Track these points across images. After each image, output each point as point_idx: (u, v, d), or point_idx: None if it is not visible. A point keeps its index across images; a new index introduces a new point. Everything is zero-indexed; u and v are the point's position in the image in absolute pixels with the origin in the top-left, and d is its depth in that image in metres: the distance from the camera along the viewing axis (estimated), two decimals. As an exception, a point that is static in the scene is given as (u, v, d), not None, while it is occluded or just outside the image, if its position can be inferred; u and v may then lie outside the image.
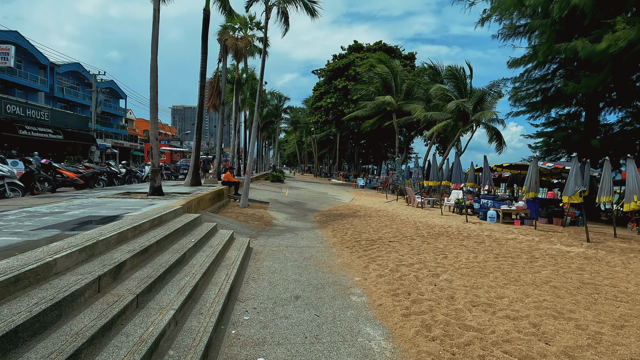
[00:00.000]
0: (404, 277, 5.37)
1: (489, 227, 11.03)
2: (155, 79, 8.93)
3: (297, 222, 10.75)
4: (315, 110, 36.70)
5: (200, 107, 13.60)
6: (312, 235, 8.85)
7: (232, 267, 5.05)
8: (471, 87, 22.05)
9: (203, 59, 13.51)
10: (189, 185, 13.27)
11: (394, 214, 13.23)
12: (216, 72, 18.60)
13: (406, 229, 9.85)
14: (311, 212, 13.32)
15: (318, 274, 5.55)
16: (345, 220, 11.25)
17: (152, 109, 8.94)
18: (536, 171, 10.77)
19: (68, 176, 12.03)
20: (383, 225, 10.39)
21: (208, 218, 8.51)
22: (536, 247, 8.03)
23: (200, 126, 13.71)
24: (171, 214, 6.22)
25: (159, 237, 4.71)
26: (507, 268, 6.09)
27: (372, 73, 27.26)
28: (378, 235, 8.86)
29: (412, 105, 25.13)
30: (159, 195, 8.98)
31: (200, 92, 13.53)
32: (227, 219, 9.42)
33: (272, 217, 11.12)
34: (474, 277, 5.48)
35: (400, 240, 8.30)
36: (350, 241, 8.02)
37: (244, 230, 8.60)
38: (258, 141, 44.42)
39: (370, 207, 15.80)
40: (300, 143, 67.59)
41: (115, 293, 3.10)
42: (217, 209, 10.88)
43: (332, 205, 16.35)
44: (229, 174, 14.13)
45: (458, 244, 8.12)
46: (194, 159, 13.57)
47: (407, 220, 11.79)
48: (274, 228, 9.55)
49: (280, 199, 16.40)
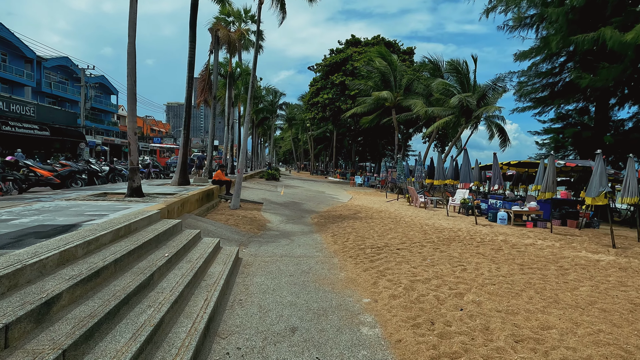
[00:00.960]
0: (422, 298, 4.46)
1: (502, 230, 10.17)
2: (133, 65, 7.92)
3: (293, 226, 9.81)
4: (312, 106, 35.69)
5: (188, 100, 12.58)
6: (310, 241, 7.92)
7: (214, 289, 4.10)
8: (475, 81, 21.20)
9: (191, 48, 12.48)
10: (177, 185, 12.28)
11: (397, 215, 12.34)
12: (207, 64, 17.56)
13: (413, 233, 8.95)
14: (308, 214, 12.40)
15: (319, 293, 4.62)
16: (345, 223, 10.33)
17: (130, 99, 7.93)
18: (553, 170, 9.92)
19: (42, 175, 10.99)
20: (387, 229, 9.49)
21: (193, 223, 7.55)
22: (560, 255, 7.17)
23: (189, 121, 12.69)
24: (144, 221, 5.26)
25: (120, 253, 3.75)
26: (538, 283, 5.21)
27: (371, 67, 26.32)
28: (384, 241, 7.96)
29: (412, 101, 24.26)
30: (138, 196, 7.99)
31: (189, 84, 12.51)
32: (215, 223, 8.46)
33: (266, 220, 10.17)
34: (504, 297, 4.58)
35: (410, 247, 7.39)
36: (353, 249, 7.10)
37: (233, 237, 7.65)
38: (253, 138, 43.31)
39: (370, 207, 14.91)
40: (296, 140, 66.53)
41: (32, 349, 2.15)
42: (205, 211, 9.91)
43: (330, 205, 15.43)
44: (220, 172, 13.15)
45: (474, 251, 7.24)
46: (181, 157, 12.56)
47: (412, 222, 10.91)
48: (267, 233, 8.60)
49: (275, 198, 15.45)
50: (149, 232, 4.89)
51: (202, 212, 9.46)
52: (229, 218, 9.41)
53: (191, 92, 12.60)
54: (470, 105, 20.08)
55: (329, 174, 51.10)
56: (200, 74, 17.61)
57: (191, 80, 12.56)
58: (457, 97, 19.52)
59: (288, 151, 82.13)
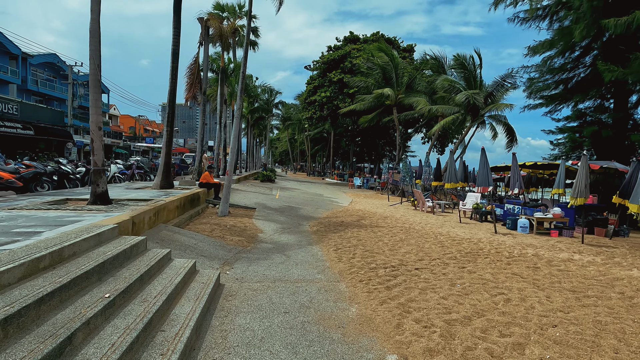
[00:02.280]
0: (470, 354, 3.18)
1: (526, 240, 8.94)
2: (96, 45, 6.59)
3: (288, 236, 8.51)
4: (309, 105, 34.40)
5: (171, 94, 11.24)
6: (309, 257, 6.62)
7: (173, 348, 2.79)
8: (481, 78, 20.03)
9: (175, 35, 11.16)
10: (158, 188, 10.93)
11: (405, 223, 11.08)
12: (196, 57, 16.25)
13: (429, 246, 7.69)
14: (306, 220, 11.10)
15: (325, 345, 3.33)
16: (349, 232, 9.05)
17: (93, 86, 6.60)
18: (586, 173, 8.72)
19: (2, 177, 9.61)
20: (398, 240, 8.22)
21: (167, 237, 6.22)
22: (611, 275, 5.94)
23: (172, 117, 11.36)
24: (90, 241, 3.94)
25: (25, 301, 2.44)
26: (611, 323, 3.95)
27: (371, 63, 25.10)
28: (397, 257, 6.68)
29: (414, 99, 23.07)
30: (102, 203, 6.66)
31: (172, 76, 11.18)
32: (197, 235, 7.13)
33: (258, 229, 8.85)
34: (581, 350, 3.31)
35: (430, 266, 6.12)
36: (363, 269, 5.82)
37: (217, 253, 6.33)
38: (248, 138, 41.92)
39: (374, 212, 13.64)
40: (293, 141, 65.23)
41: None
42: (188, 219, 8.58)
43: (330, 210, 14.14)
44: (207, 174, 11.81)
45: (508, 271, 5.98)
46: (164, 157, 11.23)
47: (423, 231, 9.65)
48: (259, 246, 7.29)
49: (270, 202, 14.13)
50: (91, 258, 3.57)
51: (183, 221, 8.13)
52: (215, 228, 8.08)
53: (175, 85, 11.26)
54: (478, 103, 18.91)
55: (326, 175, 49.85)
56: (188, 68, 16.28)
57: (175, 72, 11.23)
58: (464, 94, 18.35)
59: (284, 152, 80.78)
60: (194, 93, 16.10)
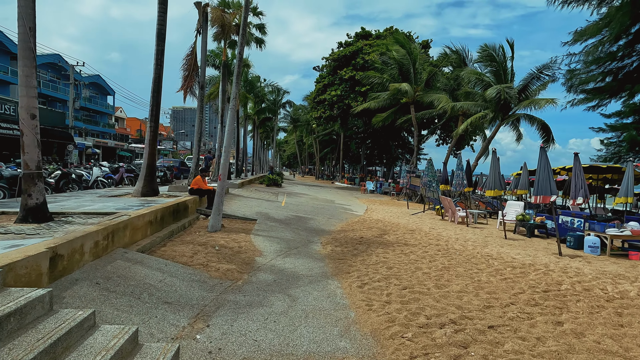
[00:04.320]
0: None
1: (606, 266, 6.79)
2: (30, 3, 4.72)
3: (295, 261, 6.51)
4: (318, 104, 32.43)
5: (156, 82, 9.40)
6: (324, 300, 4.62)
7: None
8: (512, 71, 17.84)
9: (161, 12, 9.33)
10: (139, 196, 9.06)
11: (439, 238, 8.99)
12: (193, 47, 14.48)
13: (487, 278, 5.61)
14: (317, 235, 9.10)
15: None
16: (373, 255, 7.02)
17: (23, 56, 4.73)
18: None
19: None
20: (442, 268, 6.15)
21: (120, 270, 4.29)
22: None
23: (157, 109, 9.50)
24: None
25: None
26: None
27: (386, 57, 23.06)
28: (451, 299, 4.63)
29: (435, 95, 20.96)
30: (35, 220, 4.77)
31: (157, 61, 9.35)
32: (169, 264, 5.17)
33: (256, 251, 6.87)
34: None
35: (508, 320, 4.05)
36: (408, 327, 3.78)
37: (191, 295, 4.36)
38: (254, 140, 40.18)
39: (395, 223, 11.59)
40: (301, 144, 63.41)
41: None
42: (166, 237, 6.66)
43: (344, 220, 12.13)
44: (199, 178, 9.91)
45: (629, 331, 3.89)
46: (147, 158, 9.37)
47: (467, 252, 7.56)
48: (253, 279, 5.31)
49: (274, 212, 12.17)
50: None
51: (158, 240, 6.20)
52: (199, 250, 6.13)
53: (160, 72, 9.42)
54: (510, 98, 16.74)
55: (335, 178, 47.84)
56: (185, 59, 14.53)
57: (160, 56, 9.39)
58: (495, 89, 16.19)
59: (292, 155, 79.01)
60: (190, 86, 14.28)
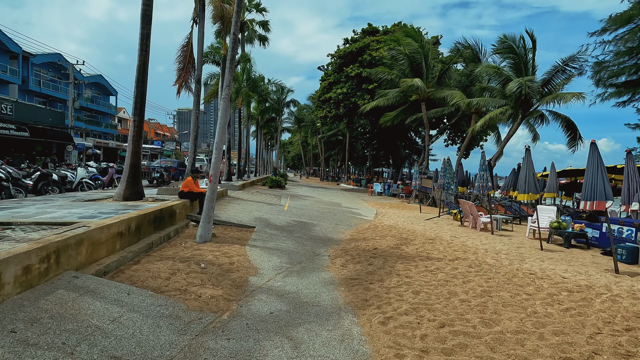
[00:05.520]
0: None
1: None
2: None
3: (297, 283, 5.30)
4: (323, 103, 31.23)
5: (141, 70, 8.26)
6: (336, 346, 3.40)
7: None
8: (534, 64, 16.51)
9: (146, -9, 8.21)
10: (121, 200, 7.92)
11: (465, 249, 7.73)
12: (189, 37, 13.38)
13: (544, 310, 4.36)
14: (324, 246, 7.88)
15: None
16: (393, 273, 5.79)
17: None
18: None
19: None
20: (483, 293, 4.91)
21: (59, 306, 3.10)
22: None
23: (142, 101, 8.35)
24: None
25: None
26: None
27: (396, 52, 21.81)
28: (509, 346, 3.39)
29: (448, 92, 19.69)
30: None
31: (142, 46, 8.22)
32: (134, 291, 3.98)
33: (251, 268, 5.67)
34: None
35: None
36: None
37: (154, 340, 3.17)
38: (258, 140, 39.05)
39: (411, 230, 10.34)
40: (305, 145, 62.26)
41: None
42: (144, 249, 5.48)
43: (354, 226, 10.90)
44: (190, 180, 8.75)
45: None
46: (130, 157, 8.22)
47: (504, 267, 6.30)
48: (244, 311, 4.10)
49: (276, 217, 10.98)
50: None
51: (130, 256, 5.03)
52: (179, 269, 4.94)
53: (146, 59, 8.28)
54: (532, 93, 15.42)
55: (340, 180, 46.60)
56: (180, 50, 13.44)
57: (146, 40, 8.26)
58: (517, 82, 14.88)
59: (297, 156, 77.88)
60: (186, 80, 13.16)
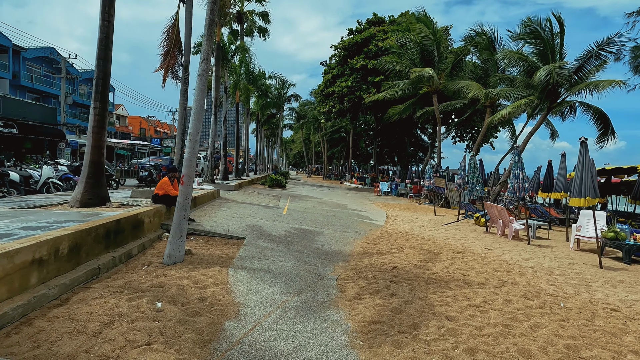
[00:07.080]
0: None
1: None
2: None
3: (295, 331, 3.69)
4: (327, 97, 29.59)
5: (102, 44, 6.67)
6: None
7: None
8: (561, 50, 14.78)
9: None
10: (77, 206, 6.35)
11: (511, 270, 6.11)
12: (175, 18, 11.78)
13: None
14: (329, 264, 6.27)
15: None
16: (427, 311, 4.18)
17: None
18: None
19: None
20: (569, 349, 3.30)
21: None
22: None
23: (105, 86, 6.76)
24: None
25: None
26: None
27: (405, 39, 20.12)
28: None
29: (463, 83, 18.00)
30: None
31: (103, 14, 6.63)
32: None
33: (230, 305, 4.05)
34: None
35: None
36: None
37: None
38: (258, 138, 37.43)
39: (432, 238, 8.73)
40: (308, 142, 60.66)
41: None
42: (85, 278, 3.91)
43: (363, 234, 9.30)
44: (166, 181, 7.16)
45: None
46: (89, 154, 6.64)
47: (572, 299, 4.68)
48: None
49: (272, 224, 9.38)
50: None
51: (56, 291, 3.46)
52: (121, 313, 3.36)
53: (108, 32, 6.69)
54: (562, 81, 13.73)
55: (344, 178, 44.99)
56: (165, 32, 11.89)
57: (109, 7, 6.65)
58: (546, 69, 13.19)
59: (299, 154, 76.28)
60: (172, 66, 11.58)
